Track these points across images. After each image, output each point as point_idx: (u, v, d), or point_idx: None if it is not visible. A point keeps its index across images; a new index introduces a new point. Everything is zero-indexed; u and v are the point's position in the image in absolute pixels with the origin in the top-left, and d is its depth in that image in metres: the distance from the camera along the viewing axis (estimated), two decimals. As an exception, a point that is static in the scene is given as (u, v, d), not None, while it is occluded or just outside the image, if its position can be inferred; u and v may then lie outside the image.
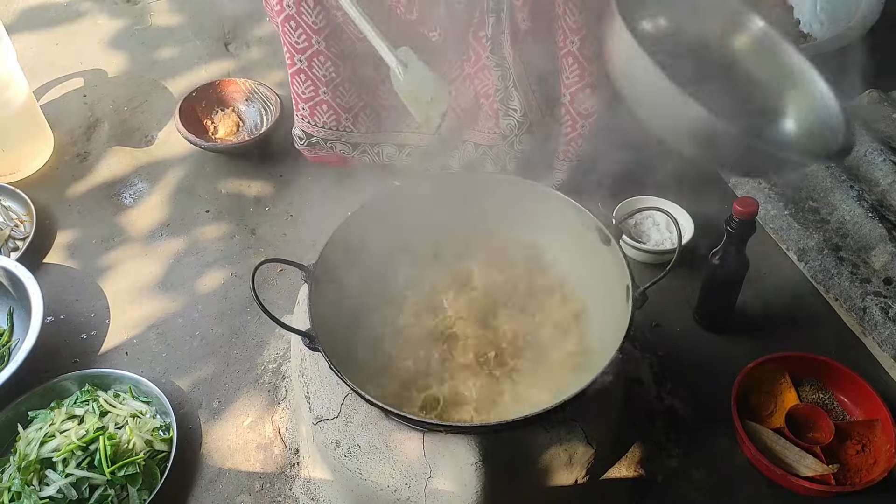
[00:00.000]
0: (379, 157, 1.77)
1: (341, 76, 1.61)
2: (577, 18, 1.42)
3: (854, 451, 1.31)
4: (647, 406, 1.41)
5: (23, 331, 1.46)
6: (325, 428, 1.14)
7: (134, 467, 1.26)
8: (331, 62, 1.58)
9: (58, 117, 2.04)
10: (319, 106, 1.66)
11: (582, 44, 1.46)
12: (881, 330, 1.45)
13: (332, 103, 1.65)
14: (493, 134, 1.67)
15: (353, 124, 1.70)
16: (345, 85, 1.63)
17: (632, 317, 1.08)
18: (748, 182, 1.74)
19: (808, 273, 1.60)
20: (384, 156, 1.77)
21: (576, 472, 1.12)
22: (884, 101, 1.84)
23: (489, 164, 1.70)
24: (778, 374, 1.41)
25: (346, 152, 1.76)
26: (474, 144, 1.71)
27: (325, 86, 1.62)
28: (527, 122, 1.61)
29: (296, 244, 1.73)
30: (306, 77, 1.61)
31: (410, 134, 1.73)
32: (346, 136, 1.72)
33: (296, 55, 1.58)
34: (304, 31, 1.53)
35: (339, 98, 1.64)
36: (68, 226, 1.77)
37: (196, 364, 1.50)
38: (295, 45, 1.56)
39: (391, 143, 1.76)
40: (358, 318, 1.23)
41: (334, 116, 1.67)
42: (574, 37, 1.46)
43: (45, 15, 2.43)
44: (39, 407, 1.37)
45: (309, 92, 1.64)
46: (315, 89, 1.63)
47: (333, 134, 1.71)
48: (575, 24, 1.43)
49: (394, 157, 1.77)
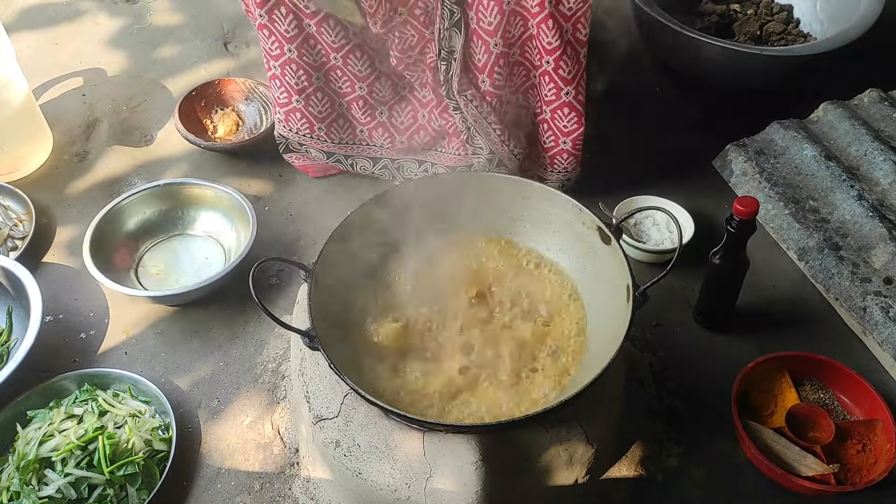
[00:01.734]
0: (353, 169, 1.79)
1: (313, 86, 1.62)
2: (551, 39, 1.42)
3: (854, 450, 1.31)
4: (648, 405, 1.41)
5: (22, 330, 1.45)
6: (325, 427, 1.14)
7: (133, 467, 1.26)
8: (303, 71, 1.59)
9: (57, 116, 2.03)
10: (293, 113, 1.67)
11: (556, 64, 1.46)
12: (881, 329, 1.44)
13: (305, 112, 1.66)
14: (464, 158, 1.70)
15: (326, 134, 1.71)
16: (317, 95, 1.64)
17: (632, 316, 1.08)
18: (749, 181, 1.74)
19: (809, 272, 1.60)
20: (357, 167, 1.79)
21: (576, 471, 1.12)
22: (884, 100, 1.84)
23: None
24: (778, 374, 1.40)
25: (320, 159, 1.78)
26: (445, 167, 1.75)
27: (298, 94, 1.63)
28: (495, 158, 1.63)
29: (295, 243, 1.72)
30: (280, 84, 1.63)
31: (385, 149, 1.74)
32: (319, 144, 1.73)
33: (271, 61, 1.60)
34: (277, 38, 1.54)
35: (311, 107, 1.65)
36: (67, 225, 1.77)
37: (195, 363, 1.50)
38: (269, 51, 1.58)
39: (365, 157, 1.78)
40: (358, 317, 1.22)
41: (307, 125, 1.69)
42: (549, 56, 1.45)
43: (45, 14, 2.43)
44: (38, 406, 1.37)
45: (283, 98, 1.65)
46: (288, 97, 1.64)
47: (307, 140, 1.73)
48: (549, 44, 1.43)
49: (368, 169, 1.79)
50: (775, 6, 2.14)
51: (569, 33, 1.43)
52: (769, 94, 1.98)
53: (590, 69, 1.53)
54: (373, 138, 1.73)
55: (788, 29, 2.08)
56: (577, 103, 1.53)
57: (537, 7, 1.39)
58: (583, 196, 1.28)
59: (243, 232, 1.64)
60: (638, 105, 2.04)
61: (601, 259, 1.22)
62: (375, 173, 1.79)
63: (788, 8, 2.13)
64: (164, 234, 1.72)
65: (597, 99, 1.65)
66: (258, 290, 1.06)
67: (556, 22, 1.40)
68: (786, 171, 1.74)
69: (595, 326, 1.21)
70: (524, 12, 1.41)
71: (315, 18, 1.50)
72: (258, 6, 1.49)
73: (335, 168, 1.82)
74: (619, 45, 1.98)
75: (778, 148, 1.79)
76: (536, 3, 1.38)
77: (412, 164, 1.77)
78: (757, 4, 2.15)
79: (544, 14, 1.39)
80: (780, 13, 2.11)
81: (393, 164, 1.78)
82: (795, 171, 1.73)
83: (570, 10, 1.40)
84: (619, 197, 1.68)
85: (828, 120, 1.82)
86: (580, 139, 1.59)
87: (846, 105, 1.84)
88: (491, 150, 1.61)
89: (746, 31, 2.06)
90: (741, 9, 2.14)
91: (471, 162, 1.68)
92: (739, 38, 2.06)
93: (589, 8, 1.41)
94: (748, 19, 2.09)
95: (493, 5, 1.40)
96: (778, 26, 2.07)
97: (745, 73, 1.87)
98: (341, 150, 1.76)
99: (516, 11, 1.41)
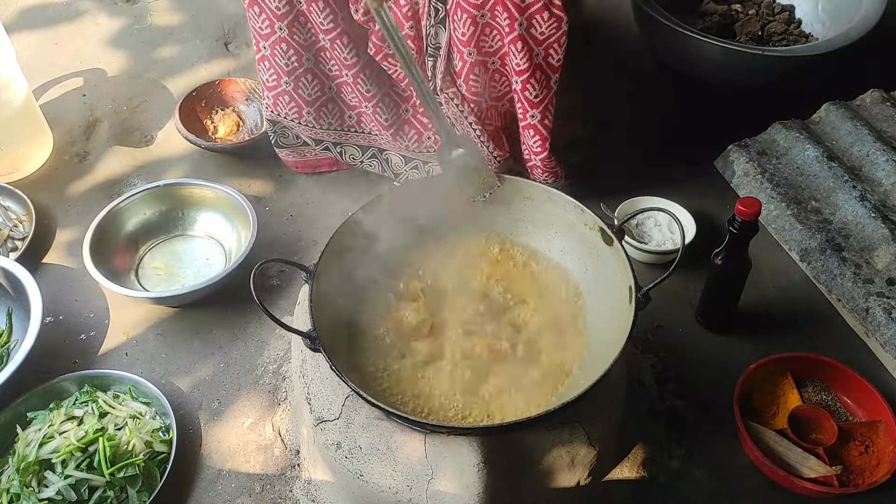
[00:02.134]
0: (342, 158, 1.79)
1: (303, 66, 1.60)
2: (519, 60, 1.40)
3: (857, 452, 1.31)
4: (650, 407, 1.40)
5: (22, 331, 1.45)
6: (326, 429, 1.14)
7: (133, 469, 1.25)
8: (293, 51, 1.57)
9: (57, 117, 2.03)
10: (282, 96, 1.65)
11: (523, 86, 1.44)
12: (884, 331, 1.44)
13: (294, 95, 1.64)
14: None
15: (314, 119, 1.69)
16: (307, 77, 1.62)
17: (635, 318, 1.08)
18: (751, 182, 1.74)
19: (811, 274, 1.60)
20: (346, 156, 1.78)
21: (578, 473, 1.12)
22: (886, 100, 1.84)
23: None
24: (780, 375, 1.40)
25: (308, 149, 1.77)
26: (436, 167, 1.74)
27: (287, 75, 1.61)
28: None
29: (296, 244, 1.72)
30: (270, 65, 1.61)
31: (374, 137, 1.74)
32: (307, 130, 1.72)
33: (260, 41, 1.57)
34: (268, 16, 1.52)
35: (300, 90, 1.63)
36: (68, 225, 1.77)
37: (196, 365, 1.50)
38: (259, 30, 1.56)
39: (354, 145, 1.77)
40: (359, 318, 1.22)
41: (296, 109, 1.67)
42: (517, 77, 1.44)
43: (45, 14, 2.43)
44: (38, 408, 1.36)
45: (272, 81, 1.63)
46: (277, 78, 1.62)
47: (295, 125, 1.71)
48: (517, 65, 1.41)
49: (357, 158, 1.78)
50: (777, 6, 2.14)
51: (540, 57, 1.41)
52: (771, 95, 1.97)
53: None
54: (361, 124, 1.72)
55: (790, 29, 2.07)
56: (543, 128, 1.51)
57: (507, 28, 1.37)
58: (584, 197, 1.27)
59: (244, 232, 1.64)
60: (639, 105, 2.03)
61: (603, 260, 1.22)
62: (364, 163, 1.79)
63: (790, 8, 2.13)
64: (165, 234, 1.71)
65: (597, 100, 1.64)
66: (259, 292, 1.05)
67: (525, 44, 1.38)
68: (788, 172, 1.73)
69: (597, 328, 1.21)
70: (498, 28, 1.39)
71: None
72: None
73: (325, 164, 1.82)
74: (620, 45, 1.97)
75: (780, 148, 1.78)
76: (507, 24, 1.36)
77: (398, 160, 1.76)
78: (758, 5, 2.15)
79: (514, 35, 1.37)
80: (782, 13, 2.11)
81: (381, 156, 1.77)
82: (797, 171, 1.73)
83: (541, 35, 1.38)
84: (620, 197, 1.67)
85: (830, 120, 1.81)
86: (548, 161, 1.56)
87: (848, 105, 1.83)
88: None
89: (748, 31, 2.05)
90: (743, 9, 2.14)
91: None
92: (741, 39, 2.05)
93: (563, 35, 1.38)
94: (750, 19, 2.09)
95: (466, 17, 1.37)
96: (779, 26, 2.06)
97: (747, 74, 1.86)
98: (329, 136, 1.75)
99: (491, 25, 1.39)
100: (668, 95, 2.07)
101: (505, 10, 1.35)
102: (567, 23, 1.37)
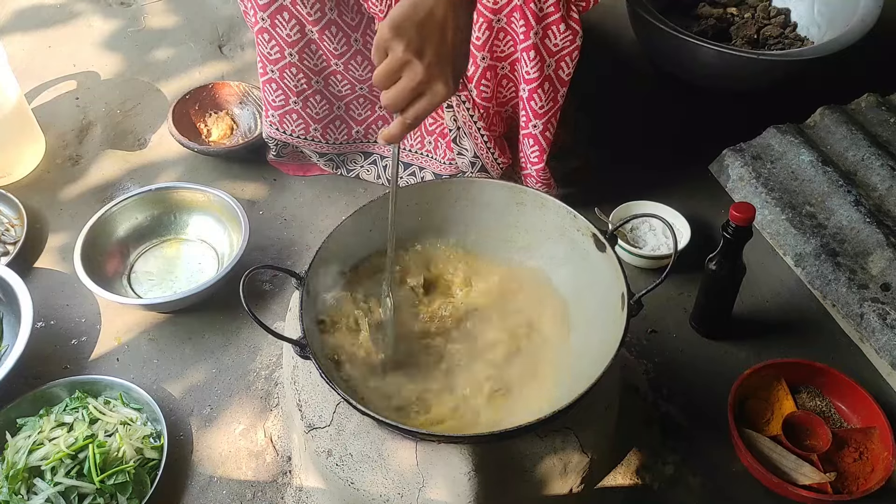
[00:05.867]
0: (344, 169, 1.81)
1: (313, 88, 1.61)
2: (530, 69, 1.39)
3: (851, 458, 1.30)
4: (643, 413, 1.40)
5: (12, 336, 1.44)
6: (317, 436, 1.13)
7: (124, 475, 1.24)
8: (303, 74, 1.58)
9: (50, 120, 2.02)
10: (289, 115, 1.66)
11: (530, 94, 1.43)
12: (879, 336, 1.43)
13: (302, 113, 1.65)
14: (452, 166, 1.69)
15: (321, 135, 1.70)
16: (315, 97, 1.63)
17: (627, 324, 1.07)
18: (745, 186, 1.74)
19: (806, 279, 1.59)
20: (347, 162, 1.80)
21: (571, 480, 1.11)
22: (881, 104, 1.83)
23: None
24: (775, 381, 1.39)
25: (310, 161, 1.78)
26: (432, 172, 1.74)
27: (296, 96, 1.61)
28: (479, 162, 1.62)
29: (289, 248, 1.71)
30: (277, 87, 1.61)
31: (380, 145, 1.74)
32: (313, 145, 1.73)
33: (268, 65, 1.57)
34: (278, 43, 1.52)
35: (308, 109, 1.64)
36: (60, 230, 1.76)
37: (188, 370, 1.49)
38: (267, 55, 1.55)
39: (357, 152, 1.78)
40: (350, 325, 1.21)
41: (303, 126, 1.67)
42: (525, 85, 1.43)
43: (38, 16, 2.41)
44: (28, 414, 1.35)
45: (280, 101, 1.63)
46: (286, 98, 1.62)
47: (301, 142, 1.72)
48: (527, 73, 1.41)
49: (358, 163, 1.79)
50: (773, 10, 2.13)
51: (551, 69, 1.40)
52: (766, 99, 1.97)
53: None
54: (369, 135, 1.73)
55: (786, 33, 2.07)
56: (543, 139, 1.50)
57: (522, 35, 1.36)
58: (578, 202, 1.27)
59: (236, 236, 1.63)
60: (634, 109, 2.03)
61: (595, 266, 1.21)
62: (364, 167, 1.79)
63: (786, 12, 2.12)
64: (157, 238, 1.70)
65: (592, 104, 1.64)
66: (250, 298, 1.05)
67: (538, 54, 1.37)
68: (783, 176, 1.73)
69: (589, 334, 1.20)
70: (513, 34, 1.39)
71: (318, 25, 1.48)
72: (261, 9, 1.47)
73: (317, 168, 1.83)
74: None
75: (775, 153, 1.78)
76: (522, 31, 1.36)
77: (398, 166, 1.76)
78: (754, 8, 2.14)
79: (528, 43, 1.36)
80: (778, 17, 2.10)
81: (381, 162, 1.77)
82: (792, 176, 1.72)
83: (555, 46, 1.37)
84: (614, 202, 1.67)
85: (825, 124, 1.81)
86: (542, 172, 1.55)
87: (843, 109, 1.83)
88: (475, 153, 1.59)
89: (743, 34, 2.05)
90: (738, 12, 2.14)
91: (458, 171, 1.67)
92: (736, 42, 2.05)
93: (577, 49, 1.38)
94: (745, 23, 2.09)
95: (482, 21, 1.37)
96: (775, 30, 2.06)
97: (742, 77, 1.86)
98: (335, 150, 1.76)
99: (506, 30, 1.39)
100: (663, 99, 2.06)
101: (522, 17, 1.34)
102: (581, 37, 1.37)
